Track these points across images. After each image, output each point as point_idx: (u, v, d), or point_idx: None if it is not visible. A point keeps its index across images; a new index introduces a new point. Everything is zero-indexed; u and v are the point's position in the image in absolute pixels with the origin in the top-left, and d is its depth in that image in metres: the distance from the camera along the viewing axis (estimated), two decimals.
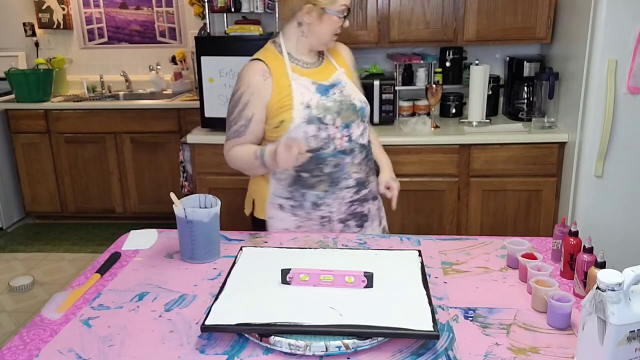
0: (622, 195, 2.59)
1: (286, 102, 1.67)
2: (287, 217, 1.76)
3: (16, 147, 3.96)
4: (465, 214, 2.90)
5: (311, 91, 1.69)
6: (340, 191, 1.74)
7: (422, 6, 2.95)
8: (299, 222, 1.76)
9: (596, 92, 2.50)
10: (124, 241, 1.67)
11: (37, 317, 1.25)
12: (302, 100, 1.67)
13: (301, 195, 1.74)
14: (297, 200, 1.74)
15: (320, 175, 1.71)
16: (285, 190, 1.75)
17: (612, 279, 0.95)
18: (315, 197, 1.73)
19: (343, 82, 1.76)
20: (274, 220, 1.78)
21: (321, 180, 1.72)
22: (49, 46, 4.34)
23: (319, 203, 1.74)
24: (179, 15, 4.22)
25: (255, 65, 1.72)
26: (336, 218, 1.77)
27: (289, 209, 1.76)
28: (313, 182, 1.72)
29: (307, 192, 1.73)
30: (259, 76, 1.69)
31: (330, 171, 1.71)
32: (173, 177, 3.84)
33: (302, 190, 1.73)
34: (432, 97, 3.02)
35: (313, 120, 1.66)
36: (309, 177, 1.71)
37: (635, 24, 2.40)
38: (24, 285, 3.12)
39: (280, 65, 1.72)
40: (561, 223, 1.47)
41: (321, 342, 1.07)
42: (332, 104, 1.70)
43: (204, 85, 2.89)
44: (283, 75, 1.70)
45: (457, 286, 1.36)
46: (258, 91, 1.69)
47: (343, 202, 1.76)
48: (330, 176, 1.72)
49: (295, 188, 1.73)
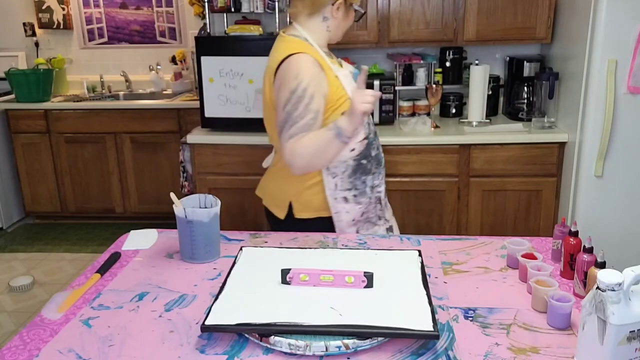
0: (622, 195, 2.59)
1: (341, 93, 1.71)
2: (352, 207, 1.80)
3: (16, 147, 3.96)
4: (465, 214, 2.90)
5: (351, 79, 1.78)
6: (383, 170, 1.87)
7: (422, 6, 2.95)
8: (363, 208, 1.81)
9: (596, 92, 2.50)
10: (124, 241, 1.67)
11: (37, 317, 1.25)
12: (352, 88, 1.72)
13: (362, 183, 1.79)
14: (358, 189, 1.79)
15: (371, 160, 1.80)
16: (347, 182, 1.77)
17: (612, 279, 0.95)
18: (372, 181, 1.82)
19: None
20: (341, 214, 1.80)
21: (372, 163, 1.81)
22: (49, 46, 4.34)
23: (374, 185, 1.83)
24: (179, 15, 4.22)
25: (308, 59, 1.67)
26: (383, 197, 1.88)
27: (353, 199, 1.80)
28: (369, 167, 1.80)
29: (367, 178, 1.80)
30: (316, 68, 1.67)
31: (376, 153, 1.82)
32: (173, 177, 3.84)
33: (363, 177, 1.79)
34: (432, 97, 3.01)
35: None
36: (367, 162, 1.78)
37: (635, 24, 2.40)
38: (24, 285, 3.12)
39: (319, 57, 1.71)
40: (561, 223, 1.47)
41: (321, 342, 1.07)
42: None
43: (204, 85, 2.89)
44: (327, 67, 1.72)
45: (457, 286, 1.36)
46: (319, 83, 1.67)
47: (383, 179, 1.88)
48: (376, 158, 1.82)
49: (356, 177, 1.78)
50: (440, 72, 3.23)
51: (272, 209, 1.89)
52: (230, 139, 2.90)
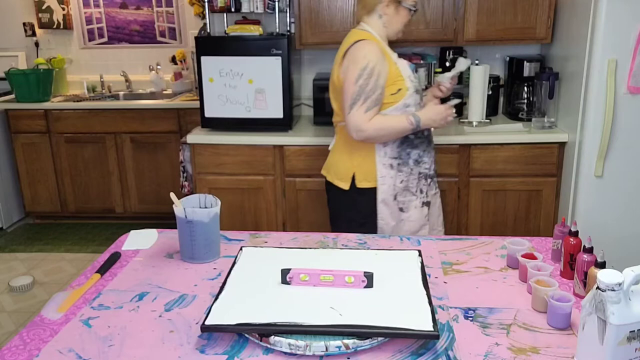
0: (622, 195, 2.59)
1: (398, 74, 1.99)
2: (395, 174, 2.05)
3: (16, 147, 3.96)
4: (465, 214, 2.89)
5: (408, 68, 2.06)
6: (432, 150, 2.12)
7: (422, 6, 2.95)
8: (403, 177, 2.05)
9: (596, 92, 2.50)
10: (124, 241, 1.67)
11: (37, 317, 1.25)
12: (407, 75, 2.03)
13: (407, 154, 2.05)
14: (402, 159, 2.04)
15: (421, 137, 2.06)
16: (395, 151, 2.03)
17: (612, 279, 0.95)
18: (417, 155, 2.06)
19: None
20: (385, 178, 2.05)
21: (422, 141, 2.06)
22: (49, 46, 4.33)
23: (419, 161, 2.07)
24: (179, 15, 4.22)
25: (372, 44, 1.96)
26: (429, 174, 2.11)
27: (397, 167, 2.05)
28: (417, 142, 2.05)
29: (412, 151, 2.05)
30: (379, 52, 1.96)
31: (428, 133, 2.09)
32: (173, 177, 3.84)
33: (408, 149, 2.04)
34: None
35: (418, 90, 2.06)
36: (414, 138, 2.04)
37: (635, 24, 2.40)
38: (24, 285, 3.12)
39: (382, 48, 2.00)
40: (561, 223, 1.47)
41: (321, 342, 1.07)
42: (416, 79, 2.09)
43: (204, 85, 2.89)
44: (387, 55, 2.00)
45: (457, 286, 1.36)
46: (383, 64, 1.95)
47: (432, 159, 2.12)
48: (428, 138, 2.10)
49: (403, 148, 2.04)
50: (440, 72, 3.22)
51: (336, 182, 2.13)
52: (230, 139, 2.90)
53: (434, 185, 2.16)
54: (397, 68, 2.00)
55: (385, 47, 2.02)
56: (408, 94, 2.01)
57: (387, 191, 2.05)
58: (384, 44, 2.03)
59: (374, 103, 1.94)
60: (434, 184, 2.17)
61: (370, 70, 1.91)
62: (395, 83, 1.98)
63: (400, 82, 1.99)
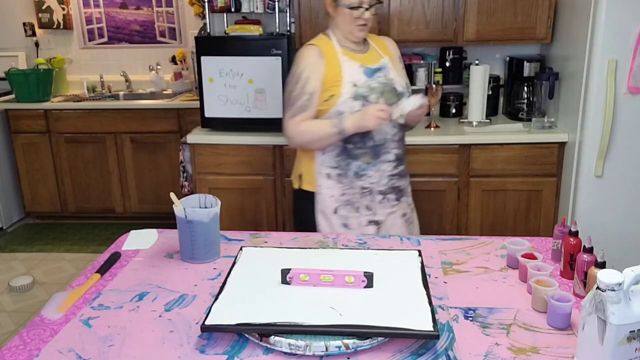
0: (622, 195, 2.59)
1: (337, 79, 1.87)
2: (334, 184, 1.93)
3: (16, 147, 3.96)
4: (465, 214, 2.90)
5: (359, 72, 1.88)
6: (381, 164, 1.92)
7: (422, 6, 2.95)
8: (343, 189, 1.92)
9: (596, 92, 2.50)
10: (124, 241, 1.67)
11: (37, 317, 1.25)
12: (351, 79, 1.87)
13: (346, 165, 1.91)
14: (342, 169, 1.92)
15: (363, 148, 1.89)
16: (333, 160, 1.92)
17: (612, 279, 0.95)
18: (358, 168, 1.91)
19: (388, 67, 1.94)
20: (322, 188, 1.95)
21: (364, 152, 1.89)
22: (49, 46, 4.33)
23: (361, 174, 1.91)
24: (179, 15, 4.22)
25: (311, 49, 1.91)
26: (377, 190, 1.93)
27: (335, 177, 1.93)
28: (357, 153, 1.89)
29: (352, 162, 1.90)
30: (315, 56, 1.89)
31: (374, 145, 1.89)
32: (173, 177, 3.84)
33: (348, 160, 1.90)
34: (432, 97, 3.01)
35: (359, 97, 1.85)
36: (353, 148, 1.89)
37: (635, 24, 2.40)
38: (24, 285, 3.12)
39: (331, 49, 1.91)
40: (561, 223, 1.47)
41: (321, 342, 1.07)
42: (376, 85, 1.88)
43: (204, 85, 2.89)
44: (334, 57, 1.90)
45: (457, 286, 1.36)
46: (315, 68, 1.87)
47: (384, 174, 1.93)
48: (374, 149, 1.90)
49: (342, 158, 1.91)
50: (440, 72, 3.22)
51: (292, 180, 2.08)
52: (230, 139, 2.90)
53: (388, 203, 1.95)
54: (338, 73, 1.86)
55: (336, 46, 1.90)
56: (340, 100, 1.84)
57: (324, 202, 1.94)
58: (337, 45, 1.91)
59: (298, 110, 1.87)
60: (390, 202, 1.96)
61: (297, 76, 1.88)
62: (330, 89, 1.86)
63: (335, 89, 1.85)
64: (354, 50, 1.93)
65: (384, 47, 2.02)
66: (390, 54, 2.00)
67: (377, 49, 1.98)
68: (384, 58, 1.95)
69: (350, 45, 1.93)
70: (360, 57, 1.92)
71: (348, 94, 1.85)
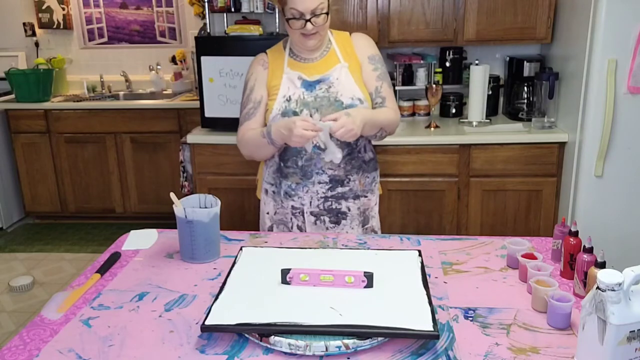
0: (622, 195, 2.59)
1: (274, 92, 1.79)
2: (269, 201, 1.90)
3: (16, 147, 3.96)
4: (465, 214, 2.90)
5: (296, 85, 1.77)
6: (312, 185, 1.81)
7: (422, 6, 2.95)
8: (276, 207, 1.89)
9: (596, 92, 2.50)
10: (124, 241, 1.67)
11: (37, 317, 1.25)
12: (286, 93, 1.77)
13: (279, 183, 1.86)
14: (277, 187, 1.87)
15: (293, 167, 1.80)
16: (271, 176, 1.88)
17: (612, 279, 0.95)
18: (287, 187, 1.84)
19: (333, 78, 1.76)
20: (261, 203, 1.94)
21: (294, 172, 1.81)
22: (49, 46, 4.33)
23: (291, 194, 1.84)
24: (179, 15, 4.22)
25: (259, 57, 1.88)
26: (308, 211, 1.84)
27: (271, 195, 1.89)
28: (287, 172, 1.82)
29: (283, 181, 1.84)
30: (260, 65, 1.85)
31: (303, 164, 1.79)
32: (173, 177, 3.84)
33: (280, 178, 1.85)
34: (432, 97, 3.01)
35: (288, 113, 1.74)
36: (283, 166, 1.83)
37: (635, 24, 2.40)
38: (24, 285, 3.12)
39: (280, 59, 1.83)
40: (561, 223, 1.47)
41: (321, 342, 1.07)
42: (312, 100, 1.75)
43: (204, 85, 2.89)
44: (279, 68, 1.81)
45: (457, 286, 1.36)
46: (260, 77, 1.83)
47: (316, 196, 1.82)
48: (303, 169, 1.79)
49: (277, 175, 1.86)
50: (440, 72, 3.22)
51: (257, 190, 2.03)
52: (230, 139, 2.89)
53: (323, 226, 1.85)
54: (277, 85, 1.78)
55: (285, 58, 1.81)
56: (270, 116, 1.76)
57: (262, 217, 1.94)
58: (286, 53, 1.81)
59: (244, 118, 1.83)
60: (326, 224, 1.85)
61: (244, 86, 1.86)
62: (268, 102, 1.80)
63: (270, 103, 1.78)
64: (303, 59, 1.81)
65: (350, 48, 1.82)
66: (356, 57, 1.81)
67: (339, 54, 1.80)
68: (336, 66, 1.77)
69: (303, 54, 1.81)
70: (305, 66, 1.79)
71: (277, 110, 1.75)
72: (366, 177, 1.87)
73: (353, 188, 1.84)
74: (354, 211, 1.86)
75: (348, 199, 1.84)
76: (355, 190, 1.85)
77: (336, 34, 1.86)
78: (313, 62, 1.80)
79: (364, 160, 1.86)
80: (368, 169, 1.88)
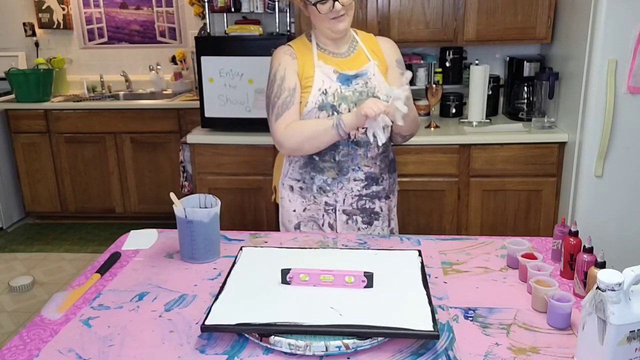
0: (622, 195, 2.59)
1: (307, 84, 1.72)
2: (296, 198, 1.82)
3: (16, 147, 3.96)
4: (465, 214, 2.90)
5: (332, 79, 1.72)
6: (347, 182, 1.77)
7: (422, 6, 2.95)
8: (306, 204, 1.81)
9: (596, 92, 2.50)
10: (124, 241, 1.67)
11: (37, 317, 1.25)
12: (321, 87, 1.70)
13: (310, 178, 1.78)
14: (306, 183, 1.79)
15: (330, 161, 1.75)
16: (297, 172, 1.80)
17: (612, 279, 0.95)
18: (322, 182, 1.77)
19: (370, 73, 1.75)
20: (284, 200, 1.85)
21: (330, 166, 1.76)
22: (49, 46, 4.33)
23: (326, 189, 1.78)
24: (179, 15, 4.22)
25: (283, 48, 1.78)
26: (341, 209, 1.80)
27: (298, 191, 1.81)
28: (323, 166, 1.76)
29: (316, 176, 1.78)
30: (287, 55, 1.75)
31: (340, 159, 1.75)
32: (173, 177, 3.84)
33: (312, 173, 1.78)
34: (432, 97, 3.02)
35: (326, 106, 1.69)
36: (319, 161, 1.76)
37: (635, 24, 2.40)
38: (24, 285, 3.12)
39: (308, 51, 1.76)
40: (561, 223, 1.47)
41: (321, 342, 1.07)
42: (350, 94, 1.71)
43: (204, 85, 2.89)
44: (309, 60, 1.74)
45: (457, 286, 1.36)
46: (290, 65, 1.73)
47: (350, 193, 1.78)
48: (339, 164, 1.75)
49: (306, 170, 1.78)
50: (440, 72, 3.23)
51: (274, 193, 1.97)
52: (230, 139, 2.90)
53: (355, 226, 1.82)
54: (310, 77, 1.72)
55: (314, 47, 1.76)
56: (305, 110, 1.71)
57: (286, 216, 1.85)
58: (315, 46, 1.76)
59: (282, 108, 1.70)
60: (358, 224, 1.83)
61: (273, 77, 1.74)
62: (300, 95, 1.74)
63: (304, 96, 1.72)
64: (333, 54, 1.77)
65: (377, 49, 1.82)
66: (384, 58, 1.81)
67: (366, 52, 1.79)
68: (369, 63, 1.76)
69: (330, 47, 1.77)
70: (338, 61, 1.75)
71: (313, 103, 1.69)
72: (390, 177, 1.88)
73: (386, 187, 1.84)
74: (385, 211, 1.86)
75: (381, 198, 1.83)
76: (387, 190, 1.85)
77: (361, 34, 1.84)
78: (343, 57, 1.77)
79: (390, 160, 1.87)
80: (392, 169, 1.89)
